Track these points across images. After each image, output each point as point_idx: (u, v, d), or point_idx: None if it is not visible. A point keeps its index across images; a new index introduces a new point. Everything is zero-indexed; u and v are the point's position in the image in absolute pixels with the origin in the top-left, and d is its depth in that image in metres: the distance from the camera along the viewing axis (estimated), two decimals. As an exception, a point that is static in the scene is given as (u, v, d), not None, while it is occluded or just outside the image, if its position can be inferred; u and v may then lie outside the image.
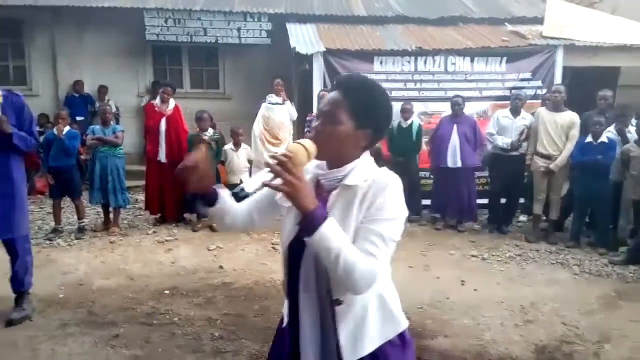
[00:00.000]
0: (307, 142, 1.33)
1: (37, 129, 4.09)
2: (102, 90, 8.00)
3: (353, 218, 1.33)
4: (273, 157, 1.25)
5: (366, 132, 1.37)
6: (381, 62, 6.46)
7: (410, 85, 6.50)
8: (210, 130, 5.47)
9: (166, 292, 3.89)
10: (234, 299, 3.81)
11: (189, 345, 3.08)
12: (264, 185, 1.26)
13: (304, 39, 6.82)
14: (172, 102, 5.62)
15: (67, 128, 5.02)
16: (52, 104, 7.76)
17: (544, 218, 5.61)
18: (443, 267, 4.61)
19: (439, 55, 6.48)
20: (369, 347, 1.40)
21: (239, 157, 5.56)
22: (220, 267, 4.47)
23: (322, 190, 1.40)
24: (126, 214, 5.92)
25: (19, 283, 3.37)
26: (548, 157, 5.27)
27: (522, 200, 5.99)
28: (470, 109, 6.09)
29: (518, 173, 5.69)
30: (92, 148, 5.23)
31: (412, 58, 6.48)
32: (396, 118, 6.14)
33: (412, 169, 5.96)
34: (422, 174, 6.22)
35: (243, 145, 5.64)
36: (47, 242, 4.97)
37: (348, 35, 7.08)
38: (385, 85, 6.46)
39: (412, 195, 6.06)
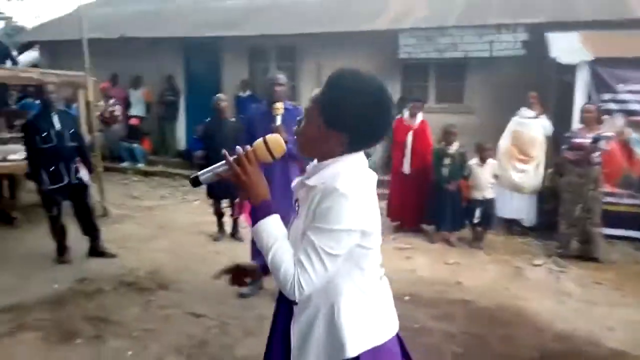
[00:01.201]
0: (273, 138, 1.33)
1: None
2: (355, 105, 8.79)
3: (302, 219, 1.29)
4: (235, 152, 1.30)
5: (339, 134, 1.28)
6: (669, 70, 5.39)
7: None
8: (456, 144, 5.44)
9: (406, 298, 4.01)
10: (475, 319, 3.68)
11: (429, 355, 3.11)
12: (215, 174, 1.33)
13: (566, 47, 6.19)
14: (419, 117, 5.80)
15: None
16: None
17: None
18: None
19: None
20: (311, 358, 1.32)
21: (484, 172, 5.37)
22: (459, 282, 4.39)
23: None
24: (369, 219, 6.34)
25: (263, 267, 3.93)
26: None
27: None
28: None
29: None
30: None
31: None
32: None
33: None
34: None
35: (489, 160, 5.43)
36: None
37: (622, 42, 6.12)
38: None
39: None
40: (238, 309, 3.68)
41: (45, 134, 4.22)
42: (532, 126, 5.80)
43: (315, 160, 1.37)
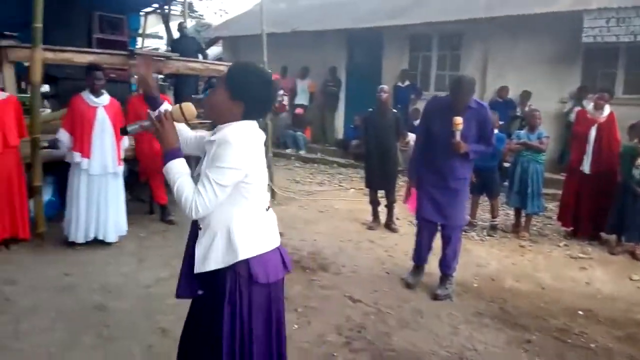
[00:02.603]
0: (186, 105, 1.84)
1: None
2: (525, 95, 8.12)
3: (204, 164, 1.75)
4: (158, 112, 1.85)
5: (239, 103, 1.77)
6: None
7: None
8: (652, 142, 4.68)
9: (580, 312, 3.61)
10: (668, 347, 3.16)
11: (611, 380, 2.76)
12: (141, 127, 1.84)
13: None
14: (606, 109, 5.11)
15: (495, 131, 5.34)
16: (477, 109, 8.45)
17: None
18: None
19: None
20: (212, 265, 1.77)
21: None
22: (648, 302, 3.81)
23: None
24: (535, 220, 5.83)
25: (446, 266, 3.84)
26: None
27: None
28: None
29: None
30: (515, 152, 5.38)
31: None
32: None
33: None
34: None
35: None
36: (462, 233, 5.45)
37: None
38: None
39: None
40: (393, 299, 3.70)
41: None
42: None
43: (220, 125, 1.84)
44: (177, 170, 1.76)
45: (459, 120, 3.46)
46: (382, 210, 5.62)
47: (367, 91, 9.05)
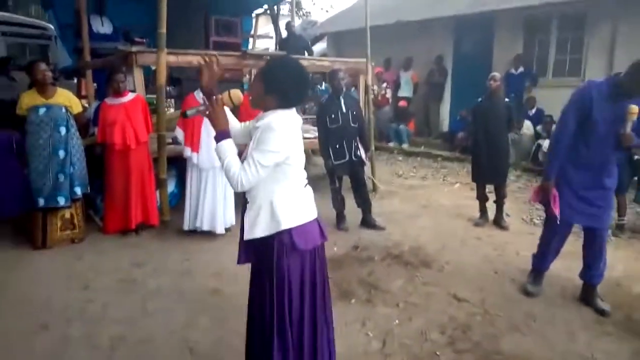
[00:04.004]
0: (234, 92, 2.12)
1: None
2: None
3: (251, 145, 2.02)
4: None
5: (273, 97, 2.02)
6: None
7: None
8: None
9: None
10: None
11: None
12: (197, 111, 2.14)
13: None
14: None
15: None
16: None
17: None
18: None
19: None
20: (259, 233, 2.05)
21: None
22: None
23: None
24: (672, 221, 5.16)
25: (601, 275, 3.39)
26: None
27: None
28: None
29: None
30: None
31: None
32: None
33: None
34: None
35: None
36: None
37: None
38: None
39: None
40: (502, 300, 3.52)
41: (333, 115, 4.80)
42: None
43: (261, 112, 2.09)
44: (227, 149, 2.03)
45: (635, 108, 2.99)
46: (490, 207, 5.34)
47: (475, 80, 8.62)
